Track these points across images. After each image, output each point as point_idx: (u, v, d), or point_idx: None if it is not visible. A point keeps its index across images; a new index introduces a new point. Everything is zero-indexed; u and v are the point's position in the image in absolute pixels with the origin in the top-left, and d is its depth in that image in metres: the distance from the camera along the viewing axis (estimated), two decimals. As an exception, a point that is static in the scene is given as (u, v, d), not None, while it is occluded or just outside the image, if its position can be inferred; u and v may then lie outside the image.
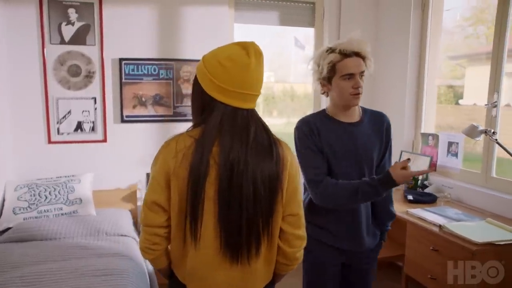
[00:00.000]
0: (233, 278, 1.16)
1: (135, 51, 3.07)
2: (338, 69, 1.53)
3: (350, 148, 1.61)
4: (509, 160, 2.40)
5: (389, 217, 1.77)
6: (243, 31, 3.50)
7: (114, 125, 3.10)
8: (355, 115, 1.66)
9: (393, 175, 1.46)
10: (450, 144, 2.79)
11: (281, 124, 4.20)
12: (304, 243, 1.26)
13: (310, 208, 1.66)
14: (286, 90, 4.19)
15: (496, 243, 1.90)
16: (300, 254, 1.26)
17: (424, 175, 2.83)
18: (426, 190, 2.76)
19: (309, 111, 3.69)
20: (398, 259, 2.80)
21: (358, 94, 1.54)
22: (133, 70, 3.07)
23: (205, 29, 3.15)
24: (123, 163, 3.13)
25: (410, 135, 3.21)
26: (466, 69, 3.26)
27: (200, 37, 3.12)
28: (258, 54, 1.14)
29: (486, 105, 2.51)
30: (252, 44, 1.15)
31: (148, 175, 3.10)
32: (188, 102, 3.18)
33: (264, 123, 1.21)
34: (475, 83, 3.10)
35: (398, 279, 2.76)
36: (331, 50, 1.53)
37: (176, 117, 3.18)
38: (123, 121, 3.10)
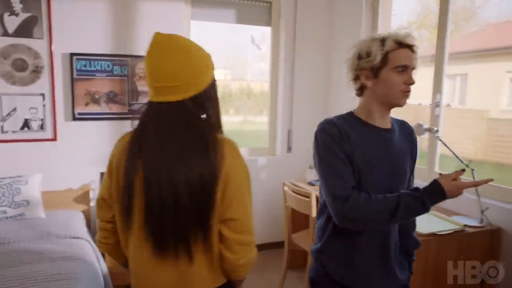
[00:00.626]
0: (170, 278, 1.12)
1: (87, 46, 2.95)
2: (390, 59, 1.27)
3: (385, 158, 1.33)
4: (449, 156, 2.59)
5: (415, 244, 1.51)
6: (200, 28, 3.48)
7: (65, 123, 2.97)
8: (388, 121, 1.39)
9: (444, 186, 1.21)
10: (398, 141, 2.94)
11: (238, 122, 4.22)
12: (251, 250, 1.15)
13: (330, 235, 1.36)
14: (243, 88, 4.20)
15: (439, 233, 2.05)
16: (245, 261, 1.13)
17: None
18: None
19: (266, 109, 3.75)
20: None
21: (409, 92, 1.31)
22: (85, 66, 2.96)
23: (162, 26, 3.08)
24: (75, 163, 3.00)
25: (362, 133, 3.35)
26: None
27: (156, 33, 3.06)
28: (161, 44, 1.07)
29: (430, 104, 2.68)
30: (156, 34, 1.09)
31: (102, 174, 3.01)
32: (143, 99, 3.12)
33: (196, 117, 1.11)
34: (420, 84, 3.29)
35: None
36: (382, 39, 1.29)
37: (131, 114, 3.11)
38: (74, 118, 2.98)
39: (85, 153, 3.01)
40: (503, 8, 2.73)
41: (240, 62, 4.26)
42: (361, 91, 1.37)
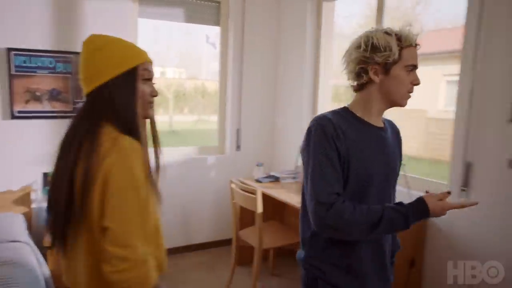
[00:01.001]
0: (66, 267, 1.17)
1: (27, 41, 2.84)
2: (404, 56, 1.22)
3: (380, 156, 1.30)
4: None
5: (397, 247, 1.51)
6: (155, 26, 3.46)
7: (2, 122, 2.84)
8: (381, 120, 1.35)
9: (429, 204, 1.19)
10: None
11: (192, 121, 4.20)
12: (131, 268, 0.98)
13: (326, 241, 1.29)
14: (198, 87, 4.19)
15: (373, 225, 2.19)
16: (119, 278, 0.98)
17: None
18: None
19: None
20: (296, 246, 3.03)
21: (412, 93, 1.28)
22: (25, 62, 2.85)
23: (108, 23, 3.05)
24: (14, 163, 2.88)
25: (308, 131, 3.49)
26: None
27: (102, 31, 2.95)
28: (84, 43, 1.14)
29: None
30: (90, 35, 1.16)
31: (45, 174, 2.91)
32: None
33: (87, 111, 1.10)
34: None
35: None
36: (396, 34, 1.23)
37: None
38: (13, 117, 2.86)
39: (26, 153, 2.90)
40: (439, 17, 2.94)
41: (195, 61, 4.25)
42: (361, 86, 1.29)
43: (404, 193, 2.40)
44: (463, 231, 2.21)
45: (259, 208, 2.62)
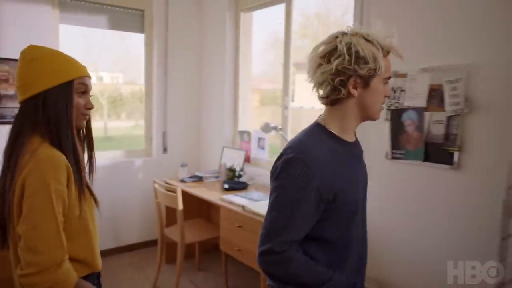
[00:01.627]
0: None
1: None
2: (382, 67, 1.08)
3: (360, 177, 1.22)
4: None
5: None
6: (82, 32, 3.48)
7: None
8: (353, 134, 1.23)
9: None
10: (259, 139, 3.36)
11: (130, 127, 4.16)
12: (35, 275, 1.02)
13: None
14: (135, 92, 4.17)
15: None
16: (25, 282, 1.04)
17: (240, 167, 3.33)
18: (241, 179, 3.26)
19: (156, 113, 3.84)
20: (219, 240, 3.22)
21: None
22: None
23: (26, 28, 3.04)
24: None
25: (230, 133, 3.72)
26: (295, 76, 3.78)
27: (21, 36, 3.00)
28: (21, 52, 1.20)
29: (281, 106, 3.13)
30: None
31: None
32: (7, 103, 3.03)
33: (19, 120, 1.17)
34: (302, 89, 3.54)
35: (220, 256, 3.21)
36: (377, 42, 1.08)
37: (-7, 119, 3.00)
38: None
39: None
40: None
41: (133, 65, 4.19)
42: (336, 100, 1.12)
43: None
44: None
45: (180, 205, 2.78)
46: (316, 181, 1.05)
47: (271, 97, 3.91)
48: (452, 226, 2.05)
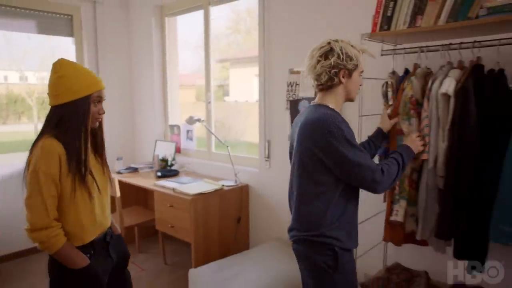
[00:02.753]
0: None
1: None
2: (360, 64, 1.58)
3: None
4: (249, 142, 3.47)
5: None
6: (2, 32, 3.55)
7: None
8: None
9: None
10: (187, 132, 3.76)
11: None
12: (27, 228, 1.45)
13: (337, 213, 1.54)
14: None
15: (205, 192, 2.88)
16: (26, 234, 1.46)
17: (171, 157, 3.70)
18: (173, 168, 3.64)
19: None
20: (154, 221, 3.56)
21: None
22: None
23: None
24: None
25: (161, 127, 4.08)
26: (229, 71, 3.96)
27: None
28: (52, 67, 1.56)
29: (205, 101, 3.55)
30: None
31: None
32: None
33: (46, 120, 1.53)
34: (238, 83, 3.86)
35: (157, 239, 3.57)
36: (357, 46, 1.58)
37: None
38: None
39: None
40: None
41: None
42: (330, 86, 1.56)
43: (230, 169, 3.16)
44: (269, 190, 3.04)
45: (118, 193, 3.12)
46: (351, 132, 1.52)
47: (199, 93, 4.26)
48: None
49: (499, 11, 1.52)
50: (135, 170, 3.73)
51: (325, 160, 1.47)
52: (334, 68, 1.52)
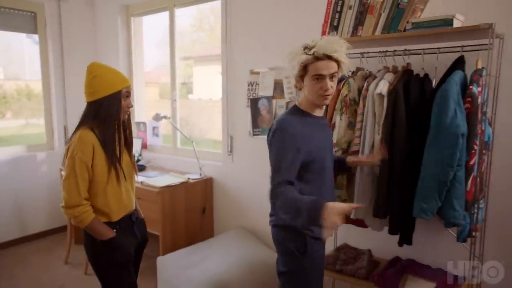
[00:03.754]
0: None
1: None
2: (309, 69, 1.56)
3: (324, 138, 1.72)
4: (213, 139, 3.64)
5: None
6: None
7: None
8: (320, 112, 1.73)
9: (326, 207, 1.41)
10: (153, 128, 3.91)
11: (18, 126, 4.09)
12: (63, 205, 1.70)
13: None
14: (21, 88, 4.08)
15: (172, 185, 3.05)
16: (62, 211, 1.73)
17: (138, 153, 3.83)
18: (140, 163, 3.78)
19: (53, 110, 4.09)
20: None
21: (326, 95, 1.58)
22: None
23: None
24: None
25: (128, 124, 4.18)
26: (193, 69, 4.08)
27: None
28: (87, 69, 1.81)
29: (174, 100, 3.71)
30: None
31: None
32: None
33: (84, 114, 1.81)
34: (202, 81, 3.97)
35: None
36: (307, 50, 1.56)
37: None
38: None
39: None
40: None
41: (15, 59, 4.05)
42: (299, 87, 1.67)
43: (195, 163, 3.35)
44: (232, 182, 3.27)
45: (85, 188, 3.22)
46: (295, 139, 1.57)
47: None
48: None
49: (421, 26, 1.82)
50: (102, 165, 3.81)
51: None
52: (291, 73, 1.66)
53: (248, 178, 3.15)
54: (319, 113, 1.71)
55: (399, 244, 2.01)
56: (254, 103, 3.01)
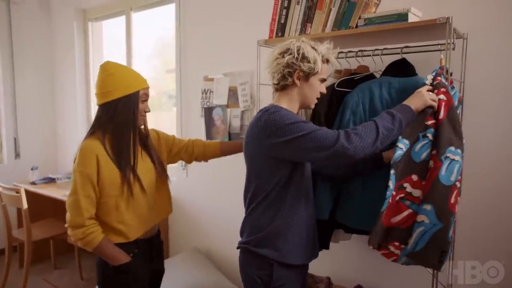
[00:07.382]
0: None
1: None
2: (322, 70, 1.46)
3: None
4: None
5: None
6: None
7: None
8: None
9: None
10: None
11: None
12: (67, 226, 1.48)
13: (275, 218, 1.45)
14: None
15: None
16: (67, 231, 1.51)
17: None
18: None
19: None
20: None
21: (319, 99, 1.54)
22: None
23: None
24: None
25: (85, 134, 3.88)
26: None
27: None
28: (100, 67, 1.57)
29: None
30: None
31: None
32: None
33: (96, 118, 1.57)
34: None
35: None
36: (320, 51, 1.45)
37: None
38: None
39: None
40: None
41: None
42: (284, 86, 1.47)
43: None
44: (187, 199, 2.98)
45: (24, 205, 2.91)
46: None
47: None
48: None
49: (373, 22, 1.59)
50: (52, 180, 3.52)
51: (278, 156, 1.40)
52: (288, 67, 1.42)
53: (203, 194, 2.88)
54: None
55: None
56: (208, 112, 2.75)
